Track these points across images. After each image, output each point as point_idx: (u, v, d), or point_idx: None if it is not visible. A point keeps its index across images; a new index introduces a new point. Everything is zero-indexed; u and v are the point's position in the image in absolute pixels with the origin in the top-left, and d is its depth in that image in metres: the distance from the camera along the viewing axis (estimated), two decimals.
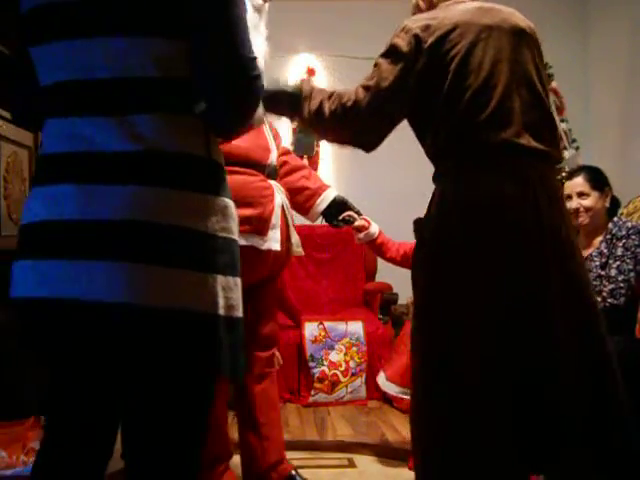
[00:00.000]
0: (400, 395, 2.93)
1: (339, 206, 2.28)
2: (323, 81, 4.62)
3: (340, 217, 2.26)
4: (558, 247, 1.53)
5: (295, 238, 2.14)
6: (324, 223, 2.36)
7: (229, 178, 1.87)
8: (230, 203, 1.15)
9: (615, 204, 2.53)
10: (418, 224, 1.65)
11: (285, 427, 3.06)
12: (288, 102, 1.65)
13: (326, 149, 4.44)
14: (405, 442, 2.78)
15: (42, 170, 1.12)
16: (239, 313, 1.14)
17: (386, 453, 2.64)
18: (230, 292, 1.11)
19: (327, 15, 4.50)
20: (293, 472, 2.14)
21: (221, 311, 1.08)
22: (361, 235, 2.35)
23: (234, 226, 1.15)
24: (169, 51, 1.05)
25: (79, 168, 1.05)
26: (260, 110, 1.38)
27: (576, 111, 4.27)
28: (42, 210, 1.08)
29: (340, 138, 1.67)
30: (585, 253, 2.47)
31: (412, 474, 1.60)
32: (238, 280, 1.15)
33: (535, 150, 1.53)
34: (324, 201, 2.25)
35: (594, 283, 2.38)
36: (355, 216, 2.29)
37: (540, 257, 1.49)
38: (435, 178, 1.63)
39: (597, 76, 4.60)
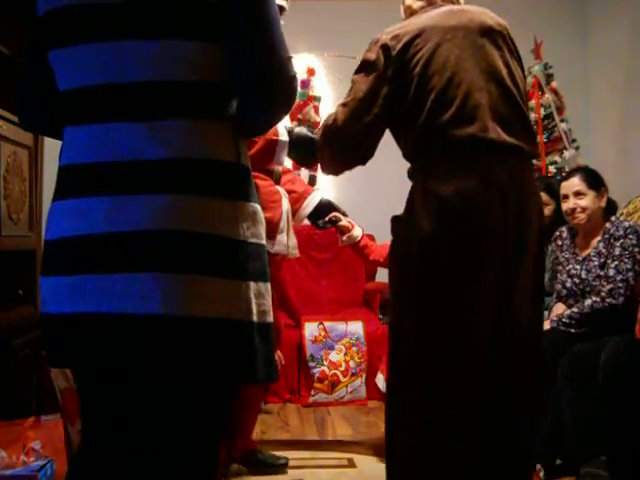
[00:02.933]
0: None
1: (325, 209, 2.32)
2: (323, 81, 4.62)
3: (326, 218, 2.29)
4: (522, 246, 1.54)
5: (293, 241, 2.18)
6: (308, 223, 2.39)
7: None
8: (258, 208, 1.14)
9: (611, 206, 2.53)
10: (394, 222, 1.67)
11: (285, 427, 3.07)
12: (309, 148, 1.83)
13: None
14: None
15: (66, 182, 1.10)
16: (270, 318, 1.13)
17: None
18: (262, 298, 1.10)
19: (327, 15, 4.50)
20: (255, 450, 2.42)
21: (255, 318, 1.07)
22: (344, 237, 2.39)
23: (263, 231, 1.14)
24: (203, 54, 1.03)
25: (108, 178, 1.03)
26: (284, 156, 1.67)
27: (576, 111, 4.27)
28: (70, 225, 1.06)
29: (332, 160, 1.71)
30: (584, 254, 2.47)
31: None
32: (268, 285, 1.14)
33: (504, 144, 1.52)
34: (310, 204, 2.29)
35: (593, 283, 2.38)
36: (340, 217, 2.32)
37: (504, 257, 1.51)
38: (409, 177, 1.66)
39: (597, 76, 4.60)
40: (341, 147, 1.65)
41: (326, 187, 4.11)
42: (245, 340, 1.05)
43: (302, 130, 1.84)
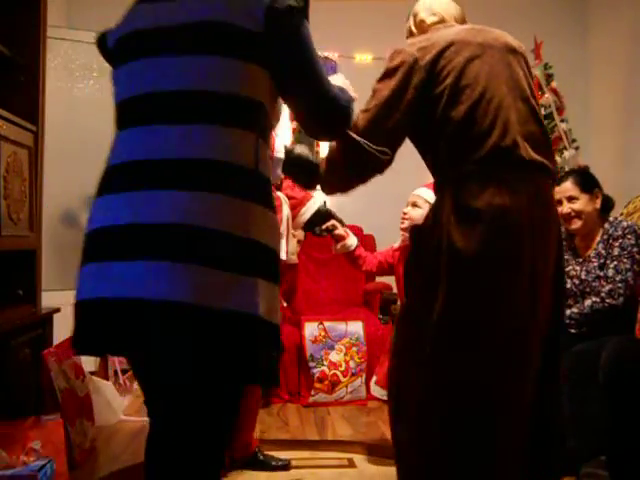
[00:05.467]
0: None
1: (323, 215, 2.33)
2: None
3: (324, 226, 2.30)
4: (548, 262, 1.56)
5: (292, 247, 2.19)
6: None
7: None
8: (273, 215, 1.22)
9: (608, 204, 2.52)
10: (415, 233, 1.66)
11: (285, 427, 3.07)
12: (307, 169, 1.77)
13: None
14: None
15: (106, 180, 1.21)
16: (277, 320, 1.18)
17: (386, 453, 2.64)
18: (271, 298, 1.16)
19: (327, 15, 4.49)
20: (256, 450, 2.44)
21: (262, 313, 1.13)
22: (338, 246, 2.41)
23: (276, 237, 1.22)
24: (236, 71, 1.15)
25: (140, 175, 1.13)
26: (279, 171, 1.68)
27: (576, 111, 4.27)
28: (101, 217, 1.16)
29: (350, 170, 1.63)
30: (584, 255, 2.47)
31: None
32: (277, 288, 1.20)
33: (532, 161, 1.54)
34: (308, 211, 2.30)
35: (593, 284, 2.38)
36: (337, 225, 2.33)
37: (532, 276, 1.52)
38: (436, 189, 1.64)
39: (597, 76, 4.60)
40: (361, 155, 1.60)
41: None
42: (249, 332, 1.10)
43: (304, 151, 1.80)
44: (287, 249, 2.18)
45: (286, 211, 2.14)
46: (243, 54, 1.15)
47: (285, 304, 3.98)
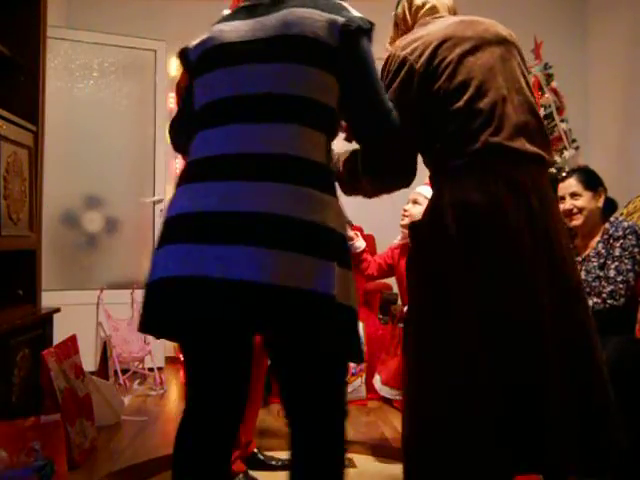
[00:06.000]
0: (396, 397, 2.94)
1: None
2: None
3: None
4: (550, 251, 1.54)
5: None
6: None
7: None
8: (341, 206, 1.33)
9: (611, 205, 2.53)
10: (414, 229, 1.66)
11: (285, 427, 3.06)
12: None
13: None
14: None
15: (192, 171, 1.31)
16: (352, 303, 1.27)
17: (386, 453, 2.64)
18: (346, 282, 1.25)
19: None
20: (255, 450, 2.44)
21: (337, 295, 1.21)
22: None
23: (345, 226, 1.34)
24: (313, 78, 1.28)
25: (225, 167, 1.25)
26: None
27: (576, 111, 4.27)
28: (189, 203, 1.25)
29: (373, 181, 1.61)
30: (583, 254, 2.47)
31: None
32: (350, 273, 1.29)
33: (528, 153, 1.54)
34: None
35: (593, 284, 2.38)
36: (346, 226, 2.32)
37: (533, 262, 1.50)
38: (432, 183, 1.64)
39: (597, 76, 4.60)
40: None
41: None
42: (328, 311, 1.20)
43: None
44: None
45: None
46: (323, 64, 1.28)
47: None
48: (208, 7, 3.75)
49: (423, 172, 1.67)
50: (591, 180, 2.49)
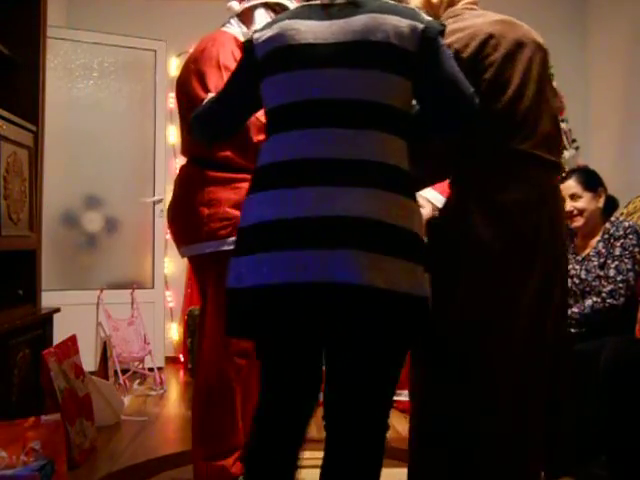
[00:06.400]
0: (397, 397, 2.93)
1: None
2: None
3: None
4: (563, 255, 1.61)
5: None
6: None
7: None
8: (420, 210, 1.38)
9: (611, 204, 2.53)
10: (435, 227, 1.66)
11: None
12: None
13: None
14: (405, 442, 2.77)
15: (271, 176, 1.31)
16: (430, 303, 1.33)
17: (386, 453, 2.64)
18: (427, 281, 1.31)
19: None
20: None
21: (427, 295, 1.29)
22: None
23: (423, 229, 1.38)
24: (397, 85, 1.31)
25: (312, 173, 1.26)
26: None
27: (576, 111, 4.27)
28: (280, 209, 1.27)
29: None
30: (583, 254, 2.47)
31: None
32: (428, 275, 1.34)
33: (549, 162, 1.58)
34: None
35: (593, 283, 2.38)
36: None
37: (552, 265, 1.55)
38: (456, 181, 1.64)
39: (597, 76, 4.60)
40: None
41: None
42: (421, 311, 1.27)
43: None
44: None
45: None
46: (403, 71, 1.30)
47: None
48: (208, 7, 3.75)
49: None
50: (591, 180, 2.48)
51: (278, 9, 2.12)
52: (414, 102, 1.42)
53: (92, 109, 4.27)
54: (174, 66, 4.47)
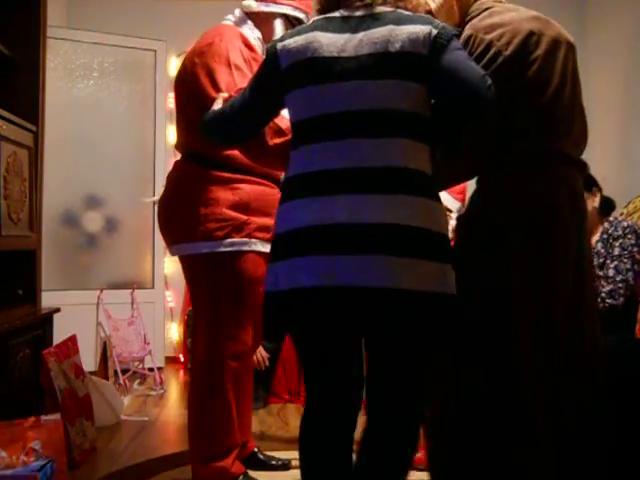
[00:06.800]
0: None
1: None
2: None
3: None
4: (590, 254, 1.65)
5: None
6: None
7: (253, 188, 2.08)
8: (445, 211, 1.45)
9: (607, 204, 2.52)
10: (466, 221, 1.68)
11: (285, 427, 3.07)
12: None
13: None
14: None
15: (303, 185, 1.38)
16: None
17: None
18: (454, 279, 1.37)
19: None
20: (255, 449, 2.39)
21: (455, 292, 1.36)
22: None
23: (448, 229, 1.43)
24: (415, 92, 1.36)
25: (343, 181, 1.33)
26: None
27: None
28: (313, 216, 1.33)
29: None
30: None
31: (412, 472, 1.60)
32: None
33: (579, 162, 1.64)
34: None
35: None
36: None
37: (580, 263, 1.57)
38: (487, 177, 1.64)
39: (597, 76, 4.60)
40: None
41: None
42: (452, 308, 1.34)
43: None
44: None
45: None
46: (421, 78, 1.35)
47: None
48: (208, 7, 3.75)
49: None
50: (585, 180, 2.48)
51: (296, 23, 2.11)
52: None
53: (92, 109, 4.27)
54: (174, 66, 4.47)
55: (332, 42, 1.39)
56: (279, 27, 2.09)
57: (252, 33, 2.10)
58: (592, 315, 1.63)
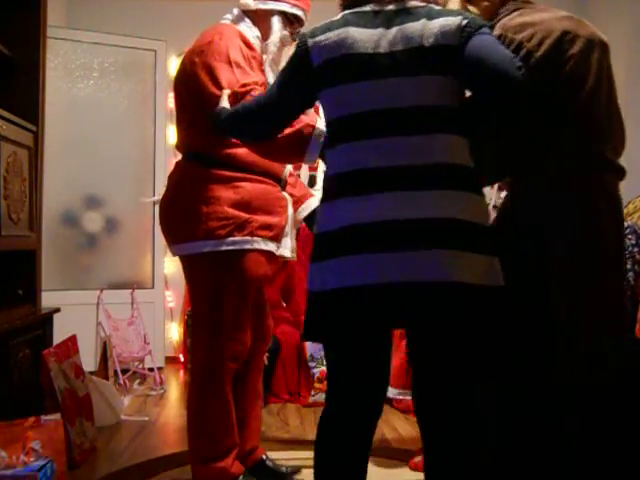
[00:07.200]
0: (398, 397, 2.94)
1: None
2: None
3: None
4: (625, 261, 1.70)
5: (293, 244, 2.20)
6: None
7: (255, 186, 2.07)
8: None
9: None
10: (504, 219, 1.69)
11: (285, 427, 3.07)
12: None
13: None
14: (405, 442, 2.78)
15: (346, 183, 1.37)
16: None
17: (386, 453, 2.64)
18: (501, 272, 1.38)
19: (328, 15, 4.50)
20: (264, 457, 2.30)
21: (502, 284, 1.38)
22: None
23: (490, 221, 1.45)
24: (449, 85, 1.36)
25: (388, 179, 1.32)
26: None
27: None
28: (355, 216, 1.33)
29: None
30: None
31: (412, 474, 1.61)
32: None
33: (618, 167, 1.64)
34: (306, 209, 2.30)
35: None
36: None
37: (620, 270, 1.63)
38: (524, 179, 1.64)
39: None
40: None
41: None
42: (500, 300, 1.35)
43: None
44: (293, 246, 2.19)
45: (290, 211, 2.15)
46: (454, 71, 1.35)
47: (284, 304, 3.98)
48: (208, 7, 3.75)
49: None
50: None
51: (294, 20, 2.10)
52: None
53: (92, 109, 4.27)
54: (174, 66, 4.47)
55: (366, 38, 1.37)
56: (277, 24, 2.08)
57: (250, 31, 2.09)
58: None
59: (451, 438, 1.42)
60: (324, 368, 3.52)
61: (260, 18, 2.10)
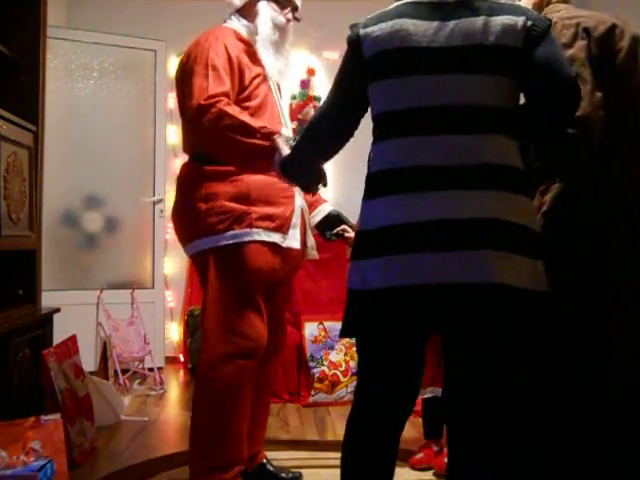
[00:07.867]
0: None
1: (333, 220, 2.30)
2: (323, 81, 4.62)
3: (334, 231, 2.29)
4: None
5: (311, 241, 2.19)
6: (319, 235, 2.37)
7: (255, 179, 2.04)
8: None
9: None
10: (563, 204, 1.68)
11: (285, 427, 3.07)
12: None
13: None
14: (405, 442, 2.77)
15: (392, 181, 1.34)
16: None
17: None
18: (544, 275, 1.35)
19: (327, 15, 4.49)
20: (264, 461, 2.28)
21: (545, 289, 1.34)
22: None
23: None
24: (507, 87, 1.33)
25: (434, 178, 1.29)
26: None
27: None
28: (400, 214, 1.30)
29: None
30: None
31: (413, 473, 1.60)
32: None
33: None
34: (319, 214, 2.29)
35: None
36: (348, 229, 2.29)
37: None
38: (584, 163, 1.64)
39: None
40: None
41: (328, 187, 4.11)
42: (543, 305, 1.32)
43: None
44: (305, 242, 2.15)
45: (299, 202, 2.10)
46: (514, 72, 1.32)
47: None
48: (208, 7, 3.74)
49: None
50: None
51: (285, 3, 2.10)
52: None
53: (92, 109, 4.27)
54: (174, 66, 4.46)
55: (421, 31, 1.32)
56: (264, 9, 2.07)
57: (243, 27, 2.10)
58: None
59: (485, 445, 1.39)
60: (324, 368, 3.52)
61: (248, 11, 2.11)
